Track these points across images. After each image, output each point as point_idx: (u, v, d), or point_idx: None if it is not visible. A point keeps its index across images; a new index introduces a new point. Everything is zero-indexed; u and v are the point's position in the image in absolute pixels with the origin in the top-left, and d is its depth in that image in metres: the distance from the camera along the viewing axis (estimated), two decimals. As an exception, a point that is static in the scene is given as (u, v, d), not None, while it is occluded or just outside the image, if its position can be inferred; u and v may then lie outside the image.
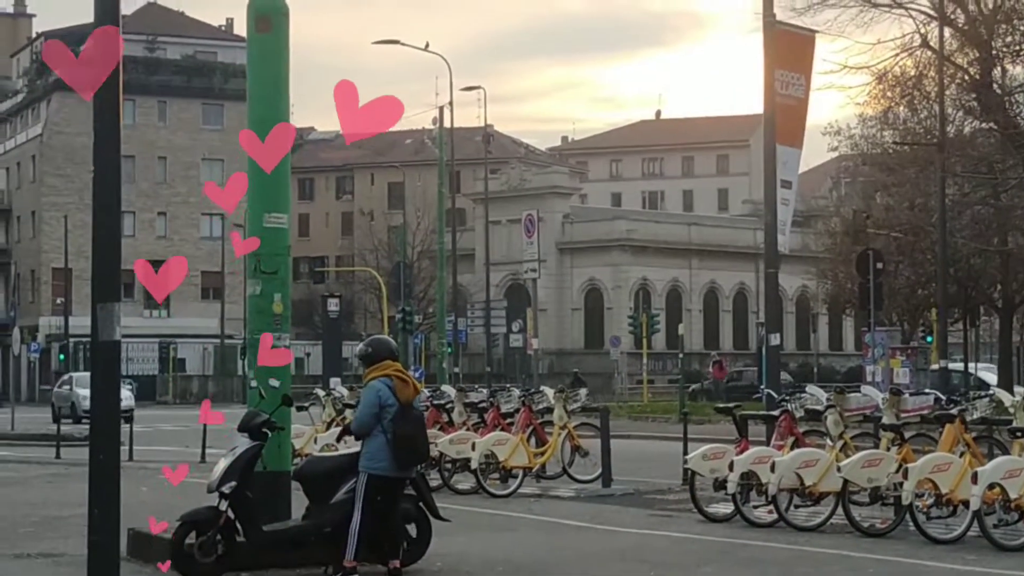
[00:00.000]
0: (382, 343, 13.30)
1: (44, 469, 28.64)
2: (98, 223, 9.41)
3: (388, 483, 12.70)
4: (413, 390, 12.86)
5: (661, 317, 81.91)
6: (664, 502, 20.45)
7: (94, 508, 9.35)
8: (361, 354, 13.13)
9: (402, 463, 12.72)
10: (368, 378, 12.92)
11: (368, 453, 12.68)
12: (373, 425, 12.63)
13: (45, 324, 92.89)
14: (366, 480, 12.62)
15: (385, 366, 12.88)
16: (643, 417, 48.52)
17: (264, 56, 14.57)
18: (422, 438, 13.07)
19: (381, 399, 12.64)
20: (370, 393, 12.73)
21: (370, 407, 12.66)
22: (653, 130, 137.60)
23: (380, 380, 12.76)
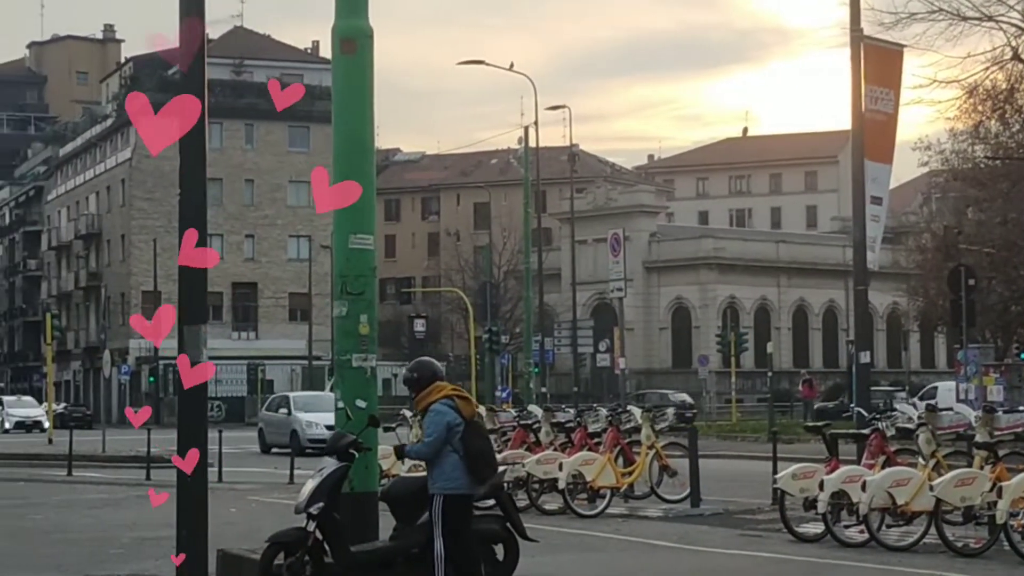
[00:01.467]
0: (426, 366, 13.21)
1: (134, 491, 28.84)
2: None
3: (466, 501, 12.72)
4: (474, 406, 13.01)
5: (749, 335, 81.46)
6: (754, 522, 20.26)
7: (183, 529, 9.37)
8: (407, 379, 13.08)
9: (478, 478, 12.73)
10: (423, 403, 12.82)
11: (442, 474, 12.63)
12: (443, 447, 12.65)
13: (135, 346, 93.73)
14: (443, 502, 12.59)
15: (439, 388, 12.84)
16: (732, 436, 48.20)
17: (349, 78, 14.59)
18: (492, 451, 13.18)
19: (449, 421, 12.61)
20: (438, 417, 12.63)
21: (440, 430, 12.59)
22: (740, 147, 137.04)
23: (442, 402, 12.72)
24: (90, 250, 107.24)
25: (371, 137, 14.72)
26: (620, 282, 60.94)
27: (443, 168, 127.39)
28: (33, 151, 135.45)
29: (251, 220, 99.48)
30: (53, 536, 19.65)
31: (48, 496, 27.21)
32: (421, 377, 12.90)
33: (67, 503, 25.57)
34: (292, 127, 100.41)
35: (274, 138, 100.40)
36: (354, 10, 14.33)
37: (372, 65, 14.55)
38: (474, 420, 12.82)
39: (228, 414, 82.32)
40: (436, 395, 12.73)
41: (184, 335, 9.26)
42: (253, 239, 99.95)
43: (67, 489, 29.55)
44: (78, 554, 17.24)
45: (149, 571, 15.30)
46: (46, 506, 24.79)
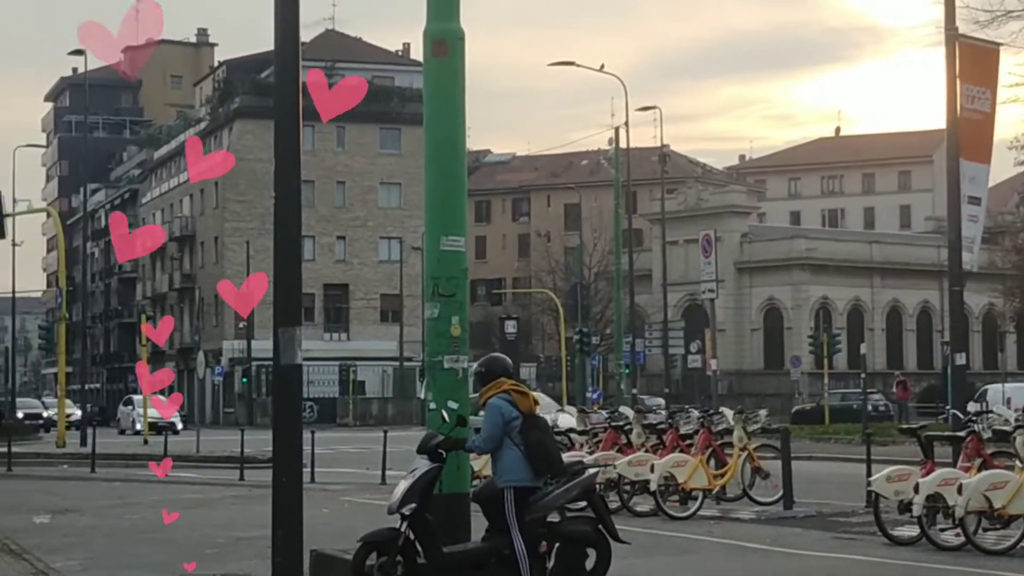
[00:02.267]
0: (496, 361, 13.37)
1: (228, 491, 29.09)
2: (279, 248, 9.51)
3: (528, 493, 12.78)
4: (532, 401, 13.05)
5: (842, 336, 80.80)
6: (847, 524, 20.09)
7: (278, 529, 9.44)
8: (475, 374, 13.24)
9: (539, 470, 12.84)
10: (485, 397, 12.96)
11: (505, 469, 12.76)
12: (500, 440, 12.73)
13: (228, 348, 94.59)
14: (513, 495, 12.68)
15: (500, 383, 12.99)
16: (824, 439, 47.82)
17: (440, 80, 14.63)
18: (553, 443, 13.23)
19: (504, 415, 12.75)
20: (493, 411, 12.80)
21: (495, 424, 12.74)
22: (833, 147, 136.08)
23: (499, 397, 12.87)
24: (184, 252, 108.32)
25: (463, 139, 14.75)
26: (712, 283, 60.69)
27: (534, 169, 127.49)
28: (128, 154, 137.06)
29: (343, 222, 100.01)
30: (149, 535, 19.85)
31: (144, 496, 27.51)
32: (487, 372, 13.09)
33: (163, 503, 25.82)
34: (383, 129, 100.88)
35: (366, 140, 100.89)
36: (445, 13, 14.36)
37: (463, 67, 14.58)
38: (532, 414, 12.92)
39: (320, 415, 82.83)
40: (495, 390, 12.91)
41: (279, 337, 9.32)
42: (344, 241, 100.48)
43: (162, 489, 29.83)
44: (174, 553, 17.41)
45: (244, 571, 15.42)
46: (142, 506, 25.06)
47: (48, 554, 16.54)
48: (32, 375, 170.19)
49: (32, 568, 15.35)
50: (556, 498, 13.01)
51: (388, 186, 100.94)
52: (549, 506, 12.99)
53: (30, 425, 67.74)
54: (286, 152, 9.52)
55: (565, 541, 13.03)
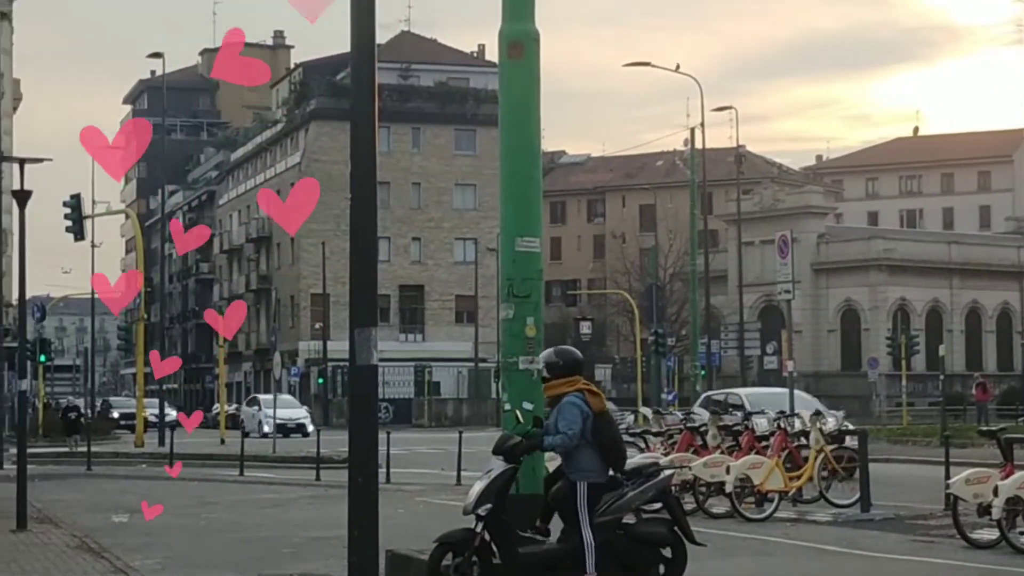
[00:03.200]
0: (571, 355, 13.21)
1: (304, 491, 29.25)
2: (355, 249, 9.55)
3: (601, 489, 12.80)
4: (603, 400, 13.08)
5: (920, 338, 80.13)
6: (925, 527, 19.94)
7: (354, 529, 9.47)
8: (551, 364, 12.99)
9: (611, 467, 12.90)
10: (556, 391, 12.85)
11: (580, 464, 12.73)
12: (580, 437, 12.73)
13: (304, 348, 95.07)
14: (587, 489, 12.67)
15: (573, 381, 12.90)
16: (902, 440, 47.49)
17: (516, 82, 14.64)
18: (622, 441, 13.32)
19: (583, 412, 12.71)
20: (572, 408, 12.69)
21: (575, 420, 12.66)
22: (910, 147, 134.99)
23: (575, 395, 12.79)
24: (260, 253, 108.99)
25: (538, 140, 14.76)
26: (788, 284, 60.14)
27: (608, 170, 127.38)
28: (205, 156, 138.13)
29: (418, 223, 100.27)
30: (226, 535, 20.00)
31: (221, 496, 27.71)
32: (565, 364, 12.93)
33: (239, 502, 26.01)
34: (458, 131, 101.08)
35: (441, 142, 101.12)
36: (521, 14, 14.37)
37: (539, 68, 14.58)
38: (604, 412, 12.93)
39: (395, 416, 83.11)
40: (569, 387, 12.79)
41: (355, 337, 9.36)
42: (420, 242, 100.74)
43: (239, 489, 30.07)
44: (251, 553, 17.54)
45: (320, 570, 15.49)
46: (220, 505, 25.25)
47: (126, 553, 16.69)
48: (111, 375, 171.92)
49: (111, 567, 15.50)
50: (632, 499, 12.99)
51: (463, 187, 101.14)
52: (625, 507, 12.97)
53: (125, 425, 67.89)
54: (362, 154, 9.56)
55: (640, 542, 13.00)
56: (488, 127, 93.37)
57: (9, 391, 41.76)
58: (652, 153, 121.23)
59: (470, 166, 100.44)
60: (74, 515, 22.53)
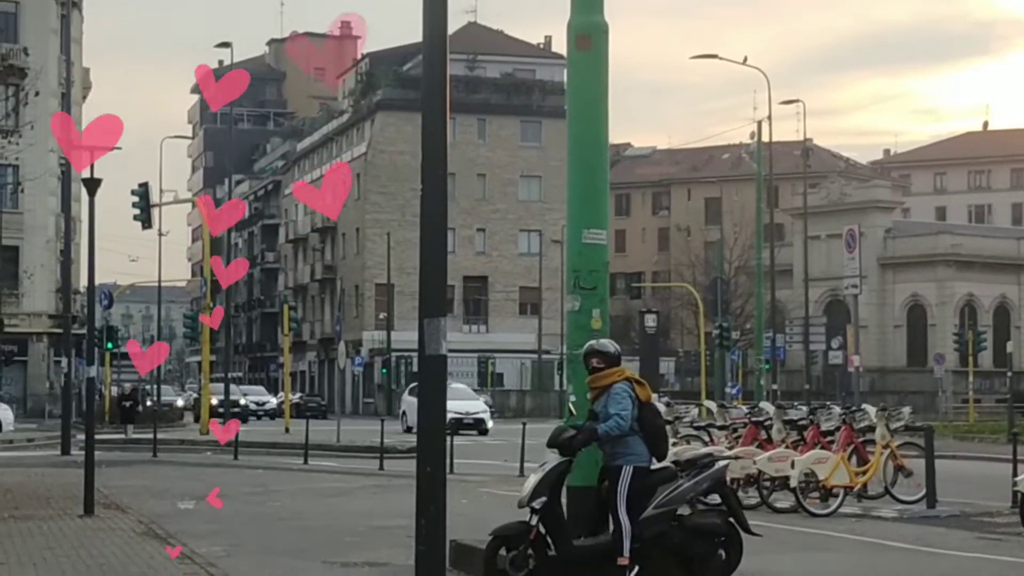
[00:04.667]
0: (617, 347, 13.43)
1: (368, 480, 29.35)
2: (425, 240, 9.58)
3: (645, 475, 12.88)
4: (650, 391, 13.31)
5: (988, 334, 79.56)
6: (992, 525, 19.80)
7: (421, 519, 9.51)
8: (604, 352, 13.18)
9: (656, 454, 13.02)
10: (606, 380, 12.97)
11: (627, 449, 12.81)
12: (631, 423, 12.87)
13: (368, 338, 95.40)
14: (632, 472, 12.75)
15: (621, 371, 13.11)
16: (969, 437, 47.15)
17: (584, 74, 14.61)
18: (666, 431, 13.59)
19: (632, 400, 12.88)
20: (623, 395, 12.85)
21: (627, 407, 12.80)
22: (980, 142, 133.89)
23: (623, 383, 12.95)
24: (325, 243, 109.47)
25: (606, 133, 14.73)
26: (855, 279, 59.92)
27: (674, 163, 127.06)
28: (272, 146, 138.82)
29: (483, 214, 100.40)
30: (291, 523, 20.10)
31: (285, 484, 27.86)
32: (617, 354, 13.18)
33: (303, 491, 26.14)
34: (524, 122, 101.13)
35: (506, 133, 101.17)
36: (590, 5, 14.34)
37: (607, 60, 14.55)
38: (649, 401, 13.12)
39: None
40: (619, 376, 12.99)
41: (424, 327, 9.39)
42: (484, 233, 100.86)
43: (303, 477, 30.21)
44: (315, 541, 17.62)
45: (383, 559, 15.55)
46: (283, 493, 25.38)
47: (192, 539, 16.81)
48: (176, 363, 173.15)
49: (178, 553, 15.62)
50: (687, 491, 13.01)
51: (528, 179, 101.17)
52: (679, 499, 13.00)
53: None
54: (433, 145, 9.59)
55: (695, 534, 13.02)
56: (554, 119, 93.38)
57: (77, 378, 42.13)
58: (718, 146, 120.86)
59: (535, 158, 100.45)
60: (140, 501, 22.71)
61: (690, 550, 12.96)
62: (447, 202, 9.74)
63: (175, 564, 14.56)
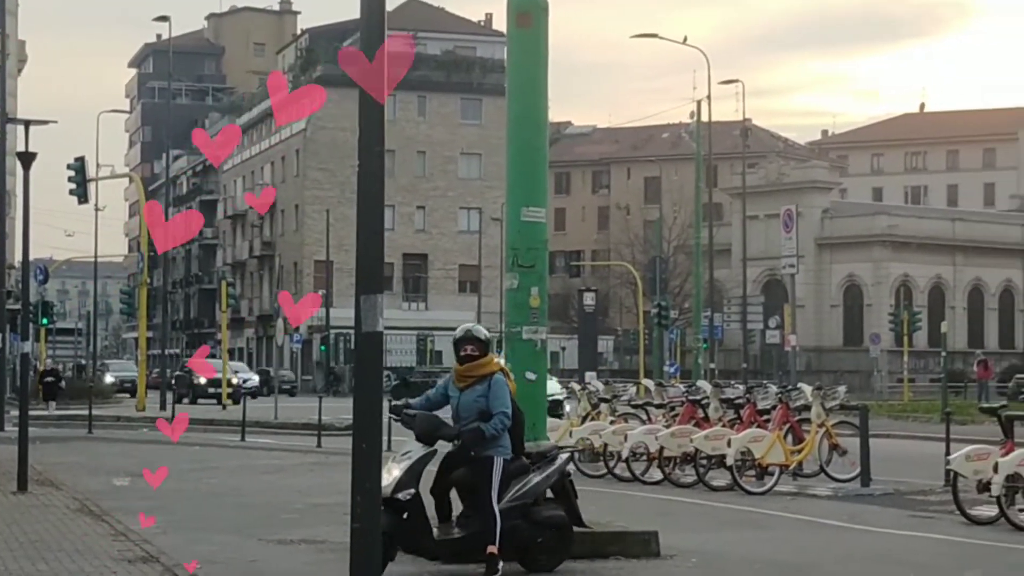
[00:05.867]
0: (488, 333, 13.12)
1: (305, 457, 29.30)
2: (362, 216, 9.55)
3: (510, 466, 12.62)
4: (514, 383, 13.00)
5: (923, 315, 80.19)
6: (925, 503, 20.00)
7: (357, 496, 9.50)
8: (483, 339, 12.83)
9: (519, 447, 12.77)
10: (483, 371, 12.62)
11: (498, 441, 12.52)
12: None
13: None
14: (503, 464, 12.50)
15: (496, 362, 12.88)
16: (903, 416, 47.56)
17: (523, 51, 14.63)
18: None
19: (509, 392, 12.64)
20: (506, 390, 12.57)
21: (509, 401, 12.55)
22: (916, 123, 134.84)
23: (501, 375, 12.71)
24: (264, 219, 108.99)
25: (545, 111, 14.75)
26: (792, 258, 60.33)
27: (614, 142, 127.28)
28: (210, 121, 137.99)
29: (422, 192, 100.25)
30: (227, 499, 20.05)
31: (223, 461, 27.76)
32: (489, 341, 12.85)
33: (241, 468, 26.07)
34: (464, 99, 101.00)
35: (447, 110, 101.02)
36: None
37: (547, 39, 14.58)
38: (514, 392, 12.83)
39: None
40: (496, 367, 12.70)
41: (360, 304, 9.37)
42: (424, 210, 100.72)
43: (241, 454, 30.13)
44: (252, 518, 17.58)
45: (320, 536, 15.54)
46: (221, 470, 25.30)
47: (128, 516, 16.73)
48: (113, 339, 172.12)
49: (112, 530, 15.55)
50: (539, 485, 12.89)
51: (468, 157, 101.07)
52: (533, 492, 12.83)
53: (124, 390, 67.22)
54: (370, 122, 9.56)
55: (540, 526, 12.89)
56: (494, 96, 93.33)
57: (11, 354, 41.80)
58: (658, 125, 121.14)
59: (476, 135, 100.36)
60: (75, 478, 22.58)
61: (532, 542, 12.83)
62: (384, 178, 9.71)
63: (110, 541, 14.49)
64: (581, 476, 23.45)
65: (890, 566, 14.29)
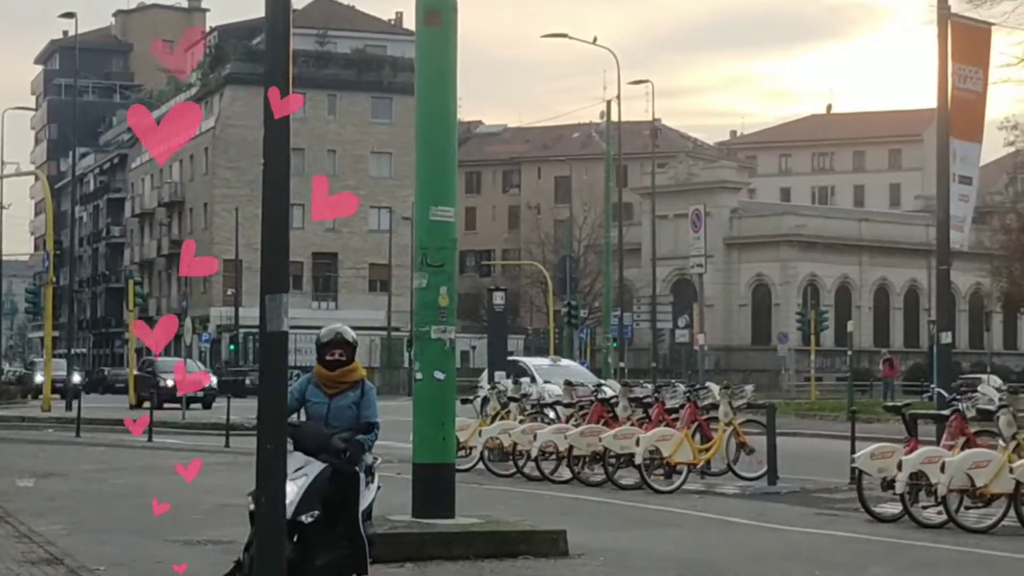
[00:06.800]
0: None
1: (214, 458, 29.05)
2: (267, 215, 9.51)
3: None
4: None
5: (830, 314, 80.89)
6: (831, 501, 20.18)
7: (261, 496, 9.45)
8: (351, 341, 11.43)
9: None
10: (355, 376, 11.23)
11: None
12: None
13: (216, 315, 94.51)
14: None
15: (360, 364, 11.62)
16: (810, 415, 47.94)
17: (432, 50, 14.61)
18: None
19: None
20: (375, 398, 11.34)
21: (377, 411, 11.30)
22: (824, 124, 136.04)
23: (370, 383, 11.52)
24: (173, 218, 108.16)
25: (454, 109, 14.74)
26: (700, 258, 60.70)
27: (525, 141, 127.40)
28: (118, 119, 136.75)
29: (333, 190, 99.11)
30: (133, 500, 19.85)
31: (129, 461, 27.50)
32: (357, 344, 11.57)
33: (148, 468, 25.83)
34: (375, 98, 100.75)
35: (357, 109, 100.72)
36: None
37: (456, 37, 14.56)
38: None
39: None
40: (364, 372, 11.47)
41: (265, 303, 9.32)
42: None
43: (148, 455, 29.84)
44: (159, 519, 17.38)
45: (228, 537, 15.43)
46: (127, 471, 25.06)
47: (32, 517, 16.54)
48: (18, 339, 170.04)
49: (15, 531, 15.36)
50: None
51: (379, 155, 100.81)
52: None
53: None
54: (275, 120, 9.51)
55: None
56: (405, 95, 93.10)
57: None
58: (568, 125, 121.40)
59: (386, 134, 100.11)
60: (-22, 479, 22.29)
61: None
62: (291, 178, 9.67)
63: (13, 543, 14.31)
64: (491, 475, 23.49)
65: (796, 563, 14.39)
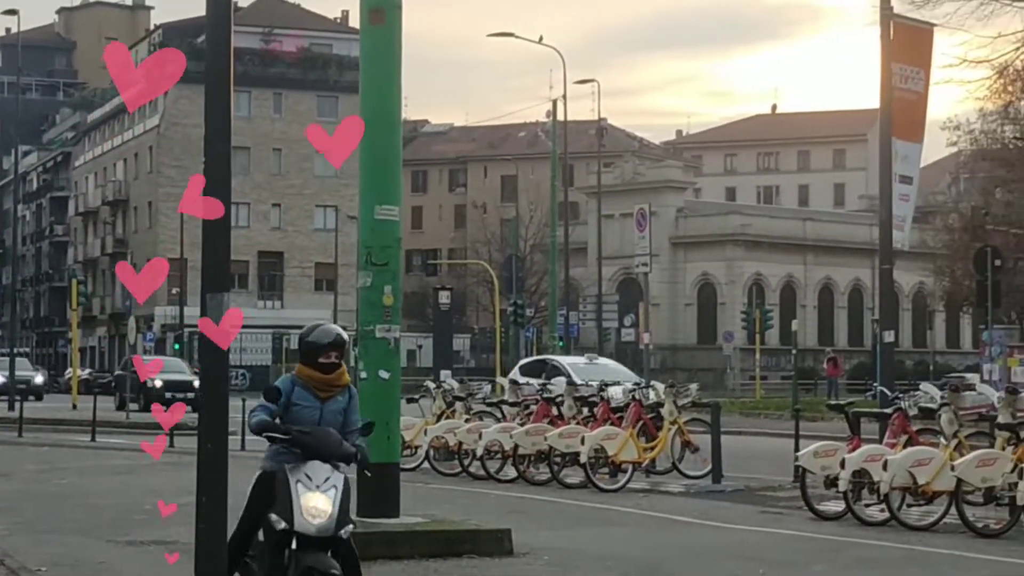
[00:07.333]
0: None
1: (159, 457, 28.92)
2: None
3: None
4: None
5: (775, 313, 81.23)
6: (775, 499, 20.28)
7: (202, 496, 9.41)
8: (344, 342, 10.22)
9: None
10: (345, 379, 10.25)
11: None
12: None
13: (160, 314, 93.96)
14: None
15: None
16: (755, 414, 48.16)
17: (377, 48, 14.59)
18: None
19: None
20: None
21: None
22: (769, 124, 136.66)
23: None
24: (117, 216, 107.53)
25: (399, 108, 14.72)
26: (646, 257, 60.82)
27: (471, 140, 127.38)
28: (61, 117, 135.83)
29: (278, 189, 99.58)
30: (76, 501, 19.73)
31: (72, 461, 27.33)
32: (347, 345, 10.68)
33: (91, 468, 25.68)
34: (320, 97, 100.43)
35: (303, 108, 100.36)
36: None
37: (400, 36, 14.55)
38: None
39: (252, 383, 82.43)
40: (349, 376, 10.46)
41: (207, 302, 9.28)
42: (280, 208, 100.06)
43: (91, 455, 29.68)
44: (102, 519, 17.32)
45: (172, 537, 15.35)
46: (70, 471, 24.90)
47: (-28, 518, 16.42)
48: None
49: (-44, 532, 15.25)
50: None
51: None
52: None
53: None
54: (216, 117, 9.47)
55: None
56: (351, 94, 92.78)
57: None
58: (515, 124, 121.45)
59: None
60: (-82, 480, 22.11)
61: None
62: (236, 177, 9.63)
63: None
64: (436, 474, 23.47)
65: (740, 561, 14.44)
